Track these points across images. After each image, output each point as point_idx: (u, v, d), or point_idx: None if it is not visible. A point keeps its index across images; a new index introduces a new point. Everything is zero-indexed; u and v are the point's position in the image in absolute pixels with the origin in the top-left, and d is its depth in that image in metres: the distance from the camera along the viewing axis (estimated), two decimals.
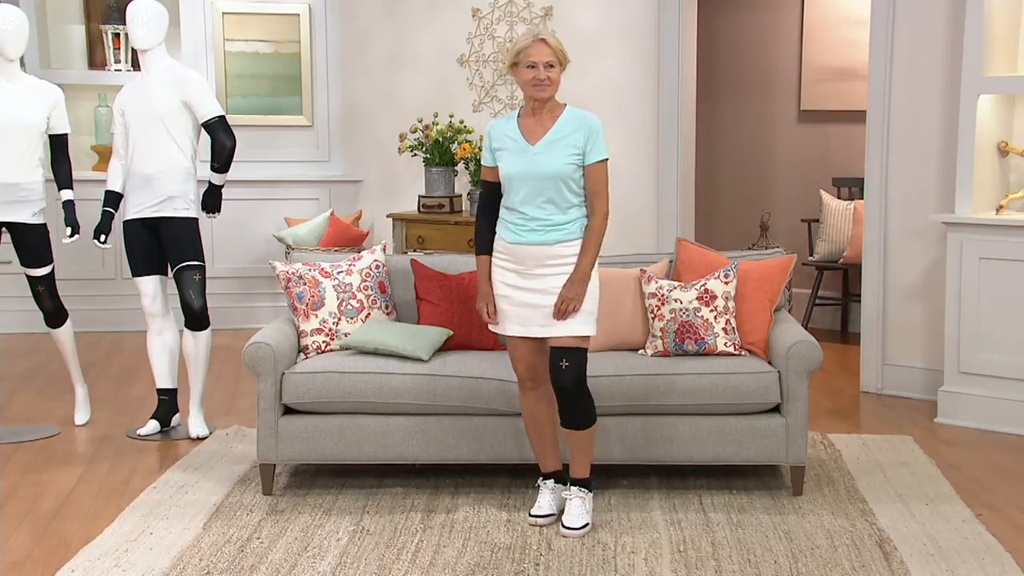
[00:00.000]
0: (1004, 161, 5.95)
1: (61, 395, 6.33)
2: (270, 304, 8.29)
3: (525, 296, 4.19)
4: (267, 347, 4.64)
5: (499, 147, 4.23)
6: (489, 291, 4.27)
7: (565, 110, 4.22)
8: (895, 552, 4.08)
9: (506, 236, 4.22)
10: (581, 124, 4.18)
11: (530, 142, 4.18)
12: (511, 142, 4.21)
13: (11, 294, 7.75)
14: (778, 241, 8.20)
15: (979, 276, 5.72)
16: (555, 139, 4.16)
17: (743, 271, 4.90)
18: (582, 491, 4.31)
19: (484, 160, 4.30)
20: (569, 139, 4.15)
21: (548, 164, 4.13)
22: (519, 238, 4.18)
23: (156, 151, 5.50)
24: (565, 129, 4.17)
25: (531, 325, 4.20)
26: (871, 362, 6.50)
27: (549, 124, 4.19)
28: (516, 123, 4.24)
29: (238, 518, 4.46)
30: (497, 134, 4.25)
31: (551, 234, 4.16)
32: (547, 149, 4.15)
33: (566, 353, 4.18)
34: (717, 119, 8.79)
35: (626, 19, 7.27)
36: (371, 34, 8.23)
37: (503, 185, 4.23)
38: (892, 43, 6.29)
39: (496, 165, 4.23)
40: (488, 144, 4.27)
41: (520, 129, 4.22)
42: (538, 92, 4.15)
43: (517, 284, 4.21)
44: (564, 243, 4.16)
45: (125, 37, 8.21)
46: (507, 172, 4.19)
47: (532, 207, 4.16)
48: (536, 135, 4.18)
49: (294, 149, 8.52)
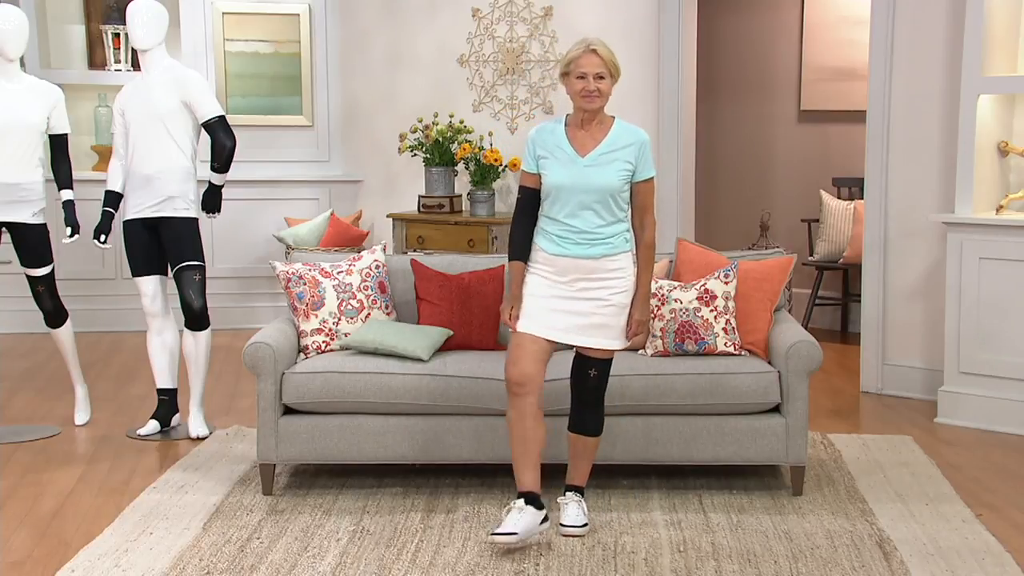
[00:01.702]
0: (1004, 161, 5.95)
1: (61, 395, 6.33)
2: (270, 304, 8.29)
3: (558, 303, 4.13)
4: (267, 347, 4.64)
5: (545, 155, 4.14)
6: (519, 295, 4.18)
7: (615, 123, 4.18)
8: (895, 552, 4.08)
9: (548, 248, 4.15)
10: (633, 139, 4.14)
11: (580, 154, 4.12)
12: (560, 152, 4.13)
13: (11, 294, 7.74)
14: (778, 241, 8.20)
15: (979, 276, 5.72)
16: (606, 152, 4.12)
17: (743, 271, 4.90)
18: (577, 495, 4.31)
19: (526, 166, 4.20)
20: (620, 154, 4.12)
21: (599, 178, 4.08)
22: (563, 250, 4.12)
23: (156, 151, 5.49)
24: (617, 143, 4.13)
25: (556, 328, 4.13)
26: (871, 362, 6.50)
27: (600, 136, 4.14)
28: (564, 132, 4.17)
29: (238, 518, 4.46)
30: (543, 141, 4.17)
31: (597, 248, 4.11)
32: (598, 162, 4.10)
33: (595, 364, 4.18)
34: (717, 119, 8.79)
35: (626, 19, 7.27)
36: (371, 34, 8.23)
37: (546, 194, 4.15)
38: (892, 43, 6.29)
39: (538, 172, 4.16)
40: (532, 150, 4.17)
41: (569, 139, 4.15)
42: (587, 104, 4.10)
43: (553, 287, 4.14)
44: (609, 257, 4.13)
45: (125, 37, 8.20)
46: (554, 182, 4.11)
47: (578, 219, 4.10)
48: (587, 147, 4.13)
49: (294, 149, 8.52)
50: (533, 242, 4.20)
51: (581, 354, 4.21)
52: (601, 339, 4.15)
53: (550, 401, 4.39)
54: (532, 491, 4.15)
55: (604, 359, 4.19)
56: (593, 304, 4.13)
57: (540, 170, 4.16)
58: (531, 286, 4.18)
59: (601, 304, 4.13)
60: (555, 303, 4.13)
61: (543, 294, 4.15)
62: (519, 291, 4.19)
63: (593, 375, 4.18)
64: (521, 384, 4.10)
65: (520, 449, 4.16)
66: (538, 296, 4.15)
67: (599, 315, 4.13)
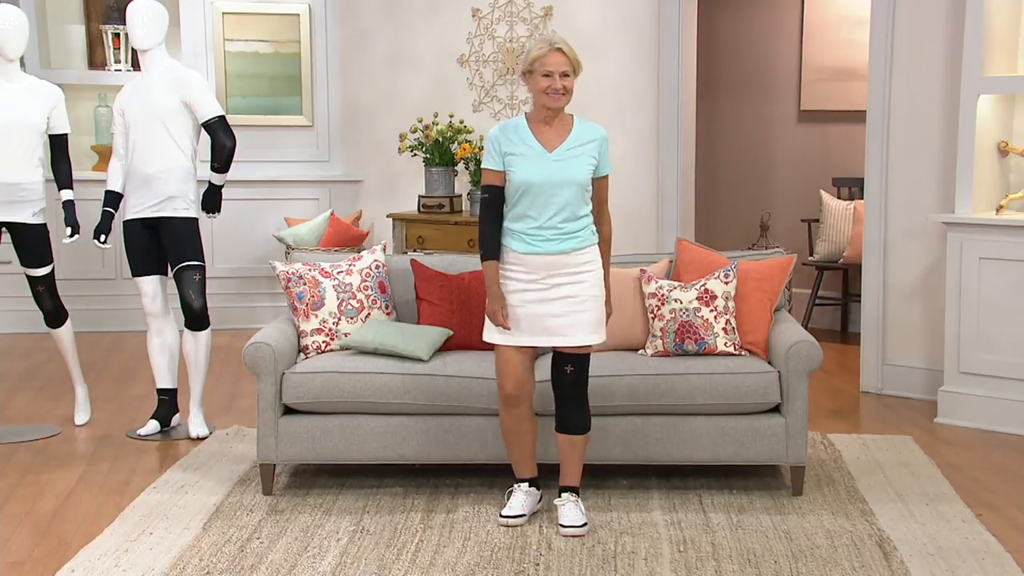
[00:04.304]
0: (1004, 161, 5.95)
1: (61, 395, 6.33)
2: (270, 304, 8.29)
3: (534, 308, 4.17)
4: (267, 347, 4.64)
5: (512, 152, 4.16)
6: (501, 294, 4.19)
7: (576, 120, 4.24)
8: (895, 552, 4.08)
9: (517, 247, 4.18)
10: (595, 136, 4.22)
11: (547, 149, 4.16)
12: (527, 148, 4.16)
13: (11, 294, 7.74)
14: (778, 241, 8.21)
15: (979, 276, 5.72)
16: (572, 147, 4.17)
17: (743, 271, 4.90)
18: (573, 495, 4.32)
19: (491, 164, 4.19)
20: (585, 149, 4.18)
21: (569, 172, 4.13)
22: (534, 248, 4.15)
23: (156, 151, 5.50)
24: (580, 139, 4.19)
25: (537, 334, 4.17)
26: (871, 362, 6.49)
27: (564, 133, 4.19)
28: (528, 129, 4.20)
29: (238, 518, 4.46)
30: (508, 139, 4.18)
31: (567, 242, 4.16)
32: (566, 157, 4.15)
33: (572, 359, 4.19)
34: (717, 119, 8.79)
35: (626, 19, 7.27)
36: (371, 34, 8.23)
37: (514, 191, 4.16)
38: (892, 43, 6.29)
39: (504, 170, 4.18)
40: (496, 148, 4.18)
41: (535, 135, 4.18)
42: (553, 102, 4.13)
43: (526, 291, 4.17)
44: (578, 251, 4.18)
45: (125, 37, 8.20)
46: (524, 179, 4.13)
47: (546, 215, 4.13)
48: (553, 143, 4.17)
49: (294, 149, 8.52)
50: (502, 245, 4.22)
51: (557, 351, 4.23)
52: (577, 335, 4.17)
53: (548, 401, 4.40)
54: (533, 476, 4.39)
55: (580, 355, 4.20)
56: (567, 302, 4.16)
57: (507, 168, 4.18)
58: (507, 298, 4.21)
59: (575, 301, 4.17)
60: (530, 308, 4.17)
61: (518, 303, 4.19)
62: (499, 290, 4.21)
63: (570, 371, 4.19)
64: (517, 396, 4.23)
65: (517, 446, 4.35)
66: (515, 307, 4.19)
67: (574, 312, 4.17)
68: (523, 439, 4.33)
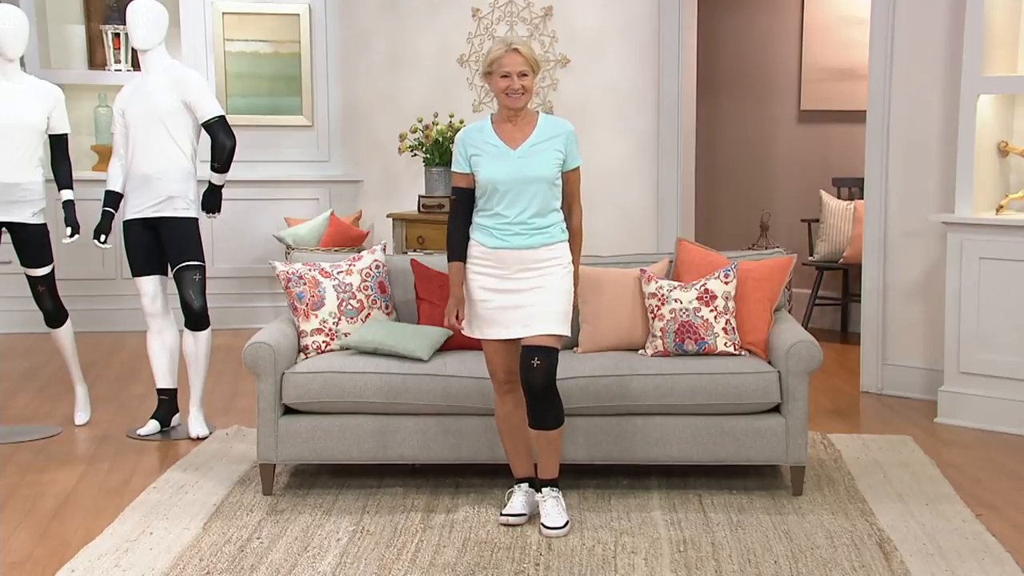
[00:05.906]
0: (1004, 161, 5.95)
1: (61, 395, 6.33)
2: (270, 304, 8.29)
3: (503, 299, 4.22)
4: (267, 347, 4.65)
5: (476, 152, 4.23)
6: (462, 297, 4.29)
7: (540, 116, 4.29)
8: (895, 552, 4.08)
9: (486, 242, 4.23)
10: (560, 130, 4.27)
11: (511, 147, 4.21)
12: (490, 147, 4.23)
13: (11, 294, 7.75)
14: (778, 241, 8.21)
15: (979, 276, 5.72)
16: (536, 143, 4.22)
17: (743, 271, 4.90)
18: (554, 491, 4.32)
19: (457, 167, 4.28)
20: (551, 143, 4.23)
21: (534, 168, 4.18)
22: (502, 242, 4.21)
23: (156, 151, 5.50)
24: (545, 134, 4.24)
25: (511, 326, 4.22)
26: (871, 362, 6.50)
27: (528, 130, 4.24)
28: (492, 129, 4.27)
29: (238, 518, 4.46)
30: (472, 140, 4.26)
31: (535, 237, 4.21)
32: (530, 153, 4.20)
33: (538, 352, 4.19)
34: (717, 119, 8.79)
35: (626, 19, 7.27)
36: (371, 34, 8.23)
37: (482, 191, 4.23)
38: (892, 43, 6.29)
39: (470, 172, 4.25)
40: (463, 151, 4.26)
41: (498, 134, 4.24)
42: (513, 102, 4.19)
43: (496, 287, 4.22)
44: (547, 246, 4.23)
45: (125, 37, 8.21)
46: (490, 177, 4.19)
47: (515, 211, 4.19)
48: (516, 140, 4.23)
49: (294, 149, 8.53)
50: (470, 240, 4.28)
51: (526, 345, 4.23)
52: (543, 324, 4.18)
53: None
54: (530, 475, 4.42)
55: (548, 347, 4.19)
56: (534, 294, 4.20)
57: (473, 168, 4.23)
58: (476, 293, 4.25)
59: (542, 291, 4.20)
60: (500, 299, 4.22)
61: (489, 298, 4.23)
62: (461, 292, 4.29)
63: (537, 364, 4.17)
64: (509, 380, 4.29)
65: (512, 441, 4.40)
66: (485, 302, 4.24)
67: (541, 301, 4.20)
68: (518, 429, 4.35)
